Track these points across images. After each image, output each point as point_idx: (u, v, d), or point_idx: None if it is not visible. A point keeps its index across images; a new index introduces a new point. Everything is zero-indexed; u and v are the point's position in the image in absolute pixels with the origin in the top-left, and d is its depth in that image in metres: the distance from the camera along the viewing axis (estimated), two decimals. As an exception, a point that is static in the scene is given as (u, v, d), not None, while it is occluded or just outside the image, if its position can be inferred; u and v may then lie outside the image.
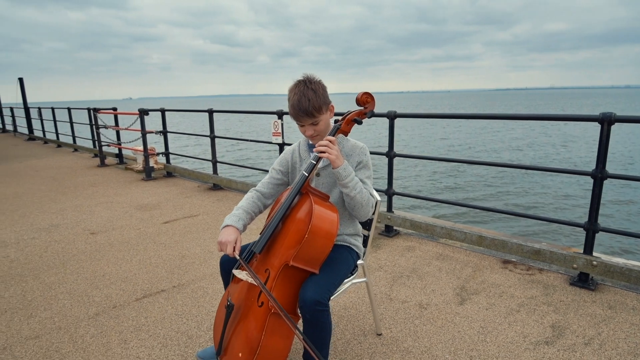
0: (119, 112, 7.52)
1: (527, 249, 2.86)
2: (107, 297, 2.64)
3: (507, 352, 2.00)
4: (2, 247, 3.59)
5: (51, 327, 2.30)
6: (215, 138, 5.61)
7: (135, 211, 4.64)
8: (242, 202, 1.79)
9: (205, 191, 5.55)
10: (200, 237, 3.72)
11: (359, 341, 2.12)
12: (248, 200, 1.79)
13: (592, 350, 2.01)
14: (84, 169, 7.67)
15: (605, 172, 2.52)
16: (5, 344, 2.16)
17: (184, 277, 2.90)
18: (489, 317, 2.32)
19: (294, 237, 1.55)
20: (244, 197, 1.82)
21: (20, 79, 13.27)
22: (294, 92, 1.65)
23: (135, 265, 3.13)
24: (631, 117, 2.45)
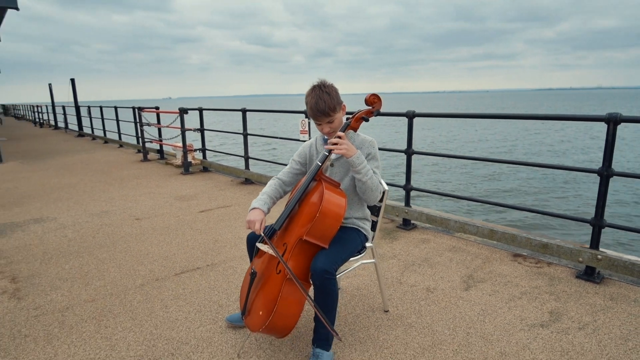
0: (161, 111, 8.09)
1: (535, 243, 3.00)
2: (151, 272, 3.03)
3: (502, 331, 2.19)
4: (61, 228, 4.10)
5: (104, 294, 2.70)
6: (247, 136, 5.99)
7: (175, 201, 5.08)
8: (266, 189, 2.09)
9: (237, 185, 5.94)
10: (232, 225, 4.08)
11: (367, 316, 2.37)
12: (271, 187, 2.09)
13: (585, 334, 2.16)
14: (128, 163, 8.31)
15: (611, 170, 2.63)
16: (67, 304, 2.57)
17: (217, 258, 3.26)
18: (490, 301, 2.50)
19: (307, 216, 1.83)
20: (267, 183, 2.12)
21: (72, 80, 14.33)
22: (311, 95, 1.93)
23: (175, 247, 3.52)
24: (636, 117, 2.55)
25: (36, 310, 2.51)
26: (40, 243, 3.68)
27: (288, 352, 2.05)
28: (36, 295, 2.69)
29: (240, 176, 6.35)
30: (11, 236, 3.88)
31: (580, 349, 2.03)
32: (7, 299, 2.67)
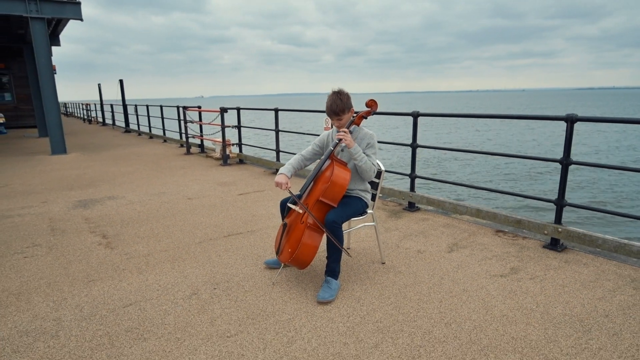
0: (203, 110, 9.11)
1: (511, 219, 3.67)
2: (205, 234, 3.92)
3: (469, 278, 2.92)
4: (130, 204, 5.09)
5: (174, 247, 3.61)
6: (279, 132, 6.86)
7: (217, 186, 6.01)
8: (291, 161, 2.92)
9: (269, 175, 6.82)
10: (266, 205, 4.94)
11: (368, 265, 3.15)
12: (295, 160, 2.92)
13: (533, 282, 2.85)
14: (174, 155, 9.39)
15: (570, 160, 3.28)
16: (148, 252, 3.49)
17: (254, 227, 4.11)
18: (466, 260, 3.22)
19: (323, 184, 2.63)
20: (293, 157, 2.95)
21: (120, 81, 15.76)
22: (329, 98, 2.73)
23: (221, 218, 4.41)
24: (591, 117, 3.19)
25: (126, 255, 3.44)
26: (117, 214, 4.66)
27: (308, 282, 2.87)
28: (124, 246, 3.63)
29: (272, 167, 7.23)
30: (94, 208, 4.91)
31: (525, 290, 2.73)
32: (104, 248, 3.62)
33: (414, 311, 2.48)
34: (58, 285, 2.89)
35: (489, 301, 2.59)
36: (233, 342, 2.19)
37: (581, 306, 2.51)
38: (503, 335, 2.22)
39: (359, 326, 2.33)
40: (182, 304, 2.59)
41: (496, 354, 2.07)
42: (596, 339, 2.18)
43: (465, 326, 2.32)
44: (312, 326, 2.33)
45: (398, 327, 2.31)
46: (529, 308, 2.50)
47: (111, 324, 2.39)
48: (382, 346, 2.14)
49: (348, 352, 2.09)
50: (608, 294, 2.66)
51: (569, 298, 2.61)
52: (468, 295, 2.67)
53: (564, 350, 2.10)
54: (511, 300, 2.59)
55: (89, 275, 3.06)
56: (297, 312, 2.48)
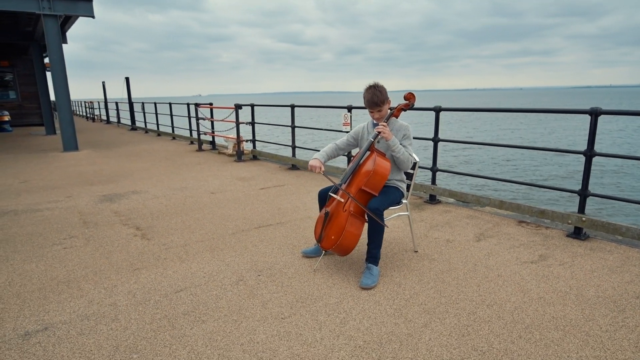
0: (215, 107, 9.20)
1: (535, 210, 3.80)
2: (236, 226, 4.03)
3: (501, 264, 3.04)
4: (155, 198, 5.19)
5: (209, 237, 3.72)
6: (295, 128, 6.96)
7: (237, 181, 6.12)
8: (325, 148, 3.04)
9: (285, 170, 6.93)
10: (289, 198, 5.05)
11: (402, 254, 3.27)
12: (330, 148, 3.05)
13: (563, 267, 2.97)
14: (186, 152, 9.48)
15: (594, 151, 3.40)
16: (185, 242, 3.60)
17: (283, 219, 4.22)
18: (495, 248, 3.34)
19: (365, 174, 2.75)
20: (327, 145, 3.06)
21: (126, 79, 15.82)
22: (368, 91, 2.83)
23: (248, 211, 4.52)
24: (615, 110, 3.31)
25: (164, 245, 3.54)
26: (144, 207, 4.76)
27: (347, 269, 2.98)
28: (160, 237, 3.74)
29: (287, 163, 7.34)
30: (120, 202, 5.00)
31: (556, 275, 2.85)
32: (140, 239, 3.72)
33: (454, 294, 2.60)
34: (105, 274, 2.99)
35: (524, 285, 2.71)
36: (288, 322, 2.31)
37: (612, 289, 2.64)
38: (543, 315, 2.34)
39: (405, 308, 2.44)
40: (232, 289, 2.70)
41: (540, 331, 2.19)
42: (631, 317, 2.30)
43: (506, 307, 2.44)
44: (360, 308, 2.45)
45: (443, 309, 2.43)
46: (563, 291, 2.62)
47: (167, 307, 2.50)
48: (431, 325, 2.26)
49: (400, 331, 2.21)
50: (636, 277, 2.78)
51: (599, 282, 2.74)
52: (503, 280, 2.79)
53: (602, 327, 2.22)
54: (545, 284, 2.71)
55: (132, 264, 3.16)
56: (343, 296, 2.59)
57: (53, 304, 2.56)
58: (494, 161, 14.48)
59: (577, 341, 2.10)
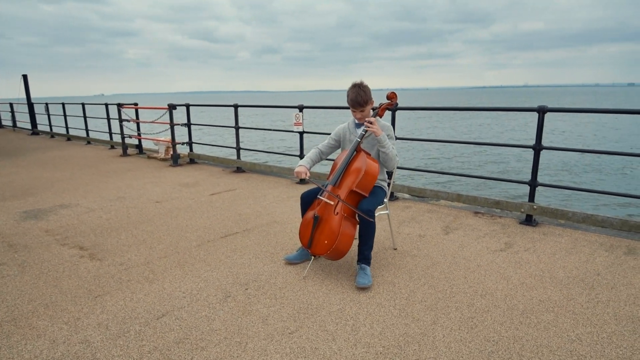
0: (142, 107, 8.43)
1: (491, 201, 4.09)
2: (199, 237, 3.71)
3: (476, 255, 3.21)
4: (91, 211, 4.57)
5: (172, 252, 3.36)
6: (239, 129, 6.66)
7: (181, 188, 5.66)
8: (309, 154, 2.93)
9: (230, 173, 6.60)
10: (246, 203, 4.80)
11: (383, 252, 3.28)
12: (313, 153, 2.95)
13: (529, 253, 3.23)
14: (109, 158, 8.55)
15: (541, 145, 3.76)
16: (146, 260, 3.21)
17: (248, 225, 3.99)
18: (464, 240, 3.52)
19: (355, 175, 2.69)
20: (310, 151, 2.96)
21: (24, 76, 13.80)
22: (352, 91, 2.78)
23: (208, 220, 4.20)
24: (560, 108, 3.68)
25: (122, 265, 3.12)
26: (81, 223, 4.17)
27: (337, 273, 2.91)
28: (113, 256, 3.28)
29: (231, 165, 7.00)
30: (49, 218, 4.31)
31: (526, 260, 3.09)
32: (89, 260, 3.23)
33: (447, 288, 2.67)
34: (59, 305, 2.54)
35: (503, 272, 2.89)
36: (298, 337, 2.16)
37: (576, 269, 2.93)
38: (531, 300, 2.51)
39: (408, 307, 2.45)
40: (222, 308, 2.46)
41: (535, 315, 2.34)
42: (601, 293, 2.58)
43: (497, 296, 2.57)
44: (365, 313, 2.39)
45: (443, 304, 2.48)
46: (537, 275, 2.84)
47: (153, 337, 2.19)
48: (440, 322, 2.29)
49: (413, 332, 2.20)
50: (589, 257, 3.13)
51: (563, 263, 3.02)
52: (484, 269, 2.94)
53: (583, 305, 2.45)
54: (521, 270, 2.92)
55: (90, 291, 2.73)
56: (343, 302, 2.51)
57: (3, 350, 2.09)
58: (445, 157, 15.05)
59: (568, 320, 2.29)
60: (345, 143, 3.01)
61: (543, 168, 12.57)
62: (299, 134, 5.77)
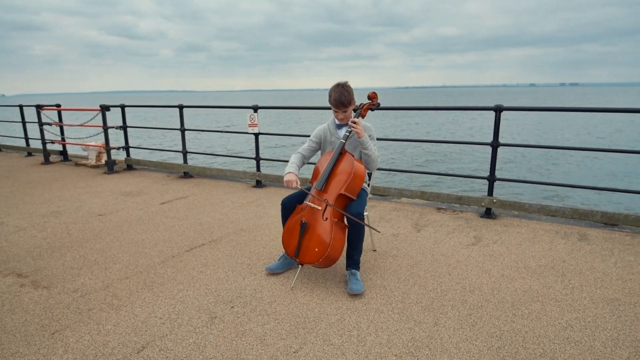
0: (66, 109, 7.53)
1: (453, 197, 4.24)
2: (161, 252, 3.36)
3: (452, 250, 3.28)
4: (21, 230, 3.94)
5: (134, 272, 2.99)
6: (185, 131, 6.22)
7: (124, 197, 5.13)
8: (293, 160, 2.79)
9: (177, 179, 6.14)
10: (204, 211, 4.47)
11: (364, 254, 3.23)
12: (296, 159, 2.81)
13: (498, 245, 3.39)
14: (28, 166, 7.52)
15: (498, 142, 3.97)
16: (105, 284, 2.82)
17: (214, 235, 3.71)
18: (436, 237, 3.60)
19: (343, 178, 2.59)
20: (292, 157, 2.82)
21: None
22: (335, 90, 2.67)
23: (166, 233, 3.82)
24: (515, 107, 3.92)
25: (76, 292, 2.70)
26: (12, 245, 3.56)
27: (324, 280, 2.79)
28: (62, 282, 2.84)
29: (177, 171, 6.51)
30: (-34, 243, 3.63)
31: (498, 252, 3.23)
32: (32, 288, 2.76)
33: (437, 286, 2.69)
34: (8, 348, 2.11)
35: (482, 266, 2.99)
36: (305, 355, 2.02)
37: (543, 258, 3.13)
38: (516, 291, 2.62)
39: (406, 310, 2.41)
40: (211, 331, 2.22)
41: (526, 306, 2.43)
42: (573, 279, 2.77)
43: (485, 290, 2.64)
44: (367, 320, 2.31)
45: (438, 303, 2.48)
46: (512, 266, 2.98)
47: (137, 375, 1.90)
48: (441, 322, 2.28)
49: (419, 335, 2.16)
50: (551, 245, 3.37)
51: (530, 253, 3.21)
52: (464, 264, 3.02)
53: (562, 292, 2.60)
54: (496, 262, 3.04)
55: (43, 326, 2.31)
56: (341, 311, 2.41)
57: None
58: (403, 155, 15.17)
59: (555, 309, 2.41)
60: (326, 145, 2.90)
61: (500, 163, 13.20)
62: (255, 136, 5.53)
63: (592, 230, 3.67)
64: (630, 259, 3.08)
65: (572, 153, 14.75)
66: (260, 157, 5.58)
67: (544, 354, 2.00)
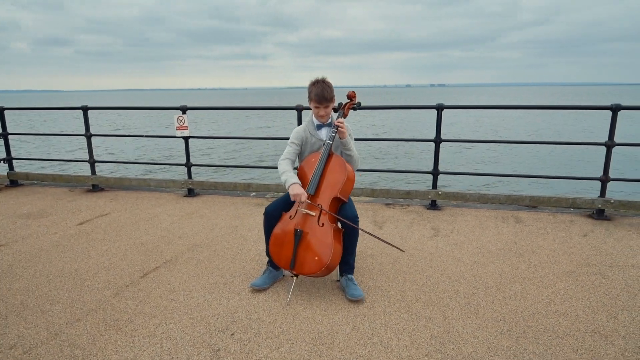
0: None
1: (402, 192, 4.43)
2: (108, 283, 2.81)
3: (420, 244, 3.42)
4: None
5: (84, 310, 2.44)
6: (91, 137, 5.34)
7: (24, 220, 4.19)
8: (287, 167, 2.59)
9: (85, 194, 5.24)
10: (138, 229, 3.89)
11: (342, 257, 3.16)
12: (288, 165, 2.62)
13: (457, 234, 3.63)
14: None
15: (440, 138, 4.26)
16: (55, 331, 2.24)
17: (165, 255, 3.25)
18: (400, 232, 3.71)
19: (336, 180, 2.49)
20: (283, 164, 2.61)
21: None
22: (316, 86, 2.55)
23: (99, 258, 3.21)
24: (455, 105, 4.24)
25: (14, 349, 2.09)
26: None
27: (317, 289, 2.65)
28: (-14, 339, 2.17)
29: (83, 183, 5.56)
30: None
31: (459, 241, 3.46)
32: (-61, 356, 2.06)
33: (426, 280, 2.77)
34: None
35: (454, 255, 3.18)
36: (339, 373, 1.87)
37: (498, 241, 3.45)
38: (492, 275, 2.84)
39: (412, 308, 2.42)
40: (221, 367, 1.92)
41: (508, 288, 2.65)
42: (531, 258, 3.11)
43: (467, 277, 2.80)
44: (381, 325, 2.25)
45: (436, 296, 2.55)
46: (477, 252, 3.23)
47: None
48: (449, 315, 2.34)
49: (436, 330, 2.19)
50: (497, 229, 3.74)
51: (486, 238, 3.52)
52: (437, 257, 3.16)
53: (528, 270, 2.90)
54: (463, 250, 3.26)
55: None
56: (350, 320, 2.31)
57: None
58: None
59: (532, 287, 2.67)
60: (306, 147, 2.75)
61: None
62: (184, 140, 5.01)
63: (520, 213, 4.18)
64: (562, 234, 3.59)
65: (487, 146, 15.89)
66: (191, 163, 5.08)
67: (546, 330, 2.20)
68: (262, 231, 3.72)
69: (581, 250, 3.24)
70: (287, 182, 2.48)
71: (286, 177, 2.52)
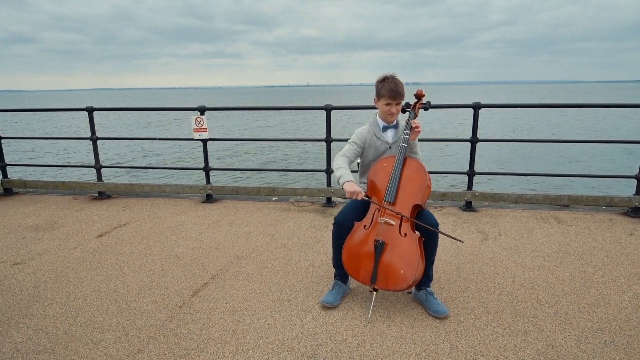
0: None
1: (437, 194, 4.30)
2: (156, 304, 2.54)
3: (473, 247, 3.29)
4: None
5: (142, 339, 2.18)
6: (97, 140, 4.97)
7: (35, 233, 3.82)
8: (343, 164, 2.41)
9: (92, 201, 4.87)
10: (167, 240, 3.61)
11: (401, 266, 2.99)
12: (345, 163, 2.44)
13: (504, 237, 3.52)
14: None
15: (477, 138, 4.15)
16: (126, 353, 1.98)
17: (210, 270, 2.99)
18: (447, 235, 3.58)
19: (416, 186, 2.33)
20: (340, 160, 2.43)
21: None
22: (387, 82, 2.38)
23: (137, 275, 2.93)
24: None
25: (74, 390, 1.82)
26: None
27: (394, 303, 2.47)
28: None
29: (89, 191, 5.17)
30: None
31: (510, 244, 3.35)
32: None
33: (503, 290, 2.64)
34: None
35: (515, 260, 3.06)
36: (461, 402, 1.70)
37: (549, 244, 3.36)
38: (564, 280, 2.73)
39: (502, 322, 2.28)
40: (328, 401, 1.72)
41: (588, 293, 2.55)
42: (592, 260, 3.03)
43: (540, 283, 2.68)
44: (479, 342, 2.10)
45: (521, 307, 2.42)
46: (536, 256, 3.13)
47: None
48: (545, 327, 2.22)
49: (539, 345, 2.06)
50: (546, 230, 3.65)
51: (537, 240, 3.42)
52: (499, 262, 3.04)
53: (597, 274, 2.81)
54: (520, 255, 3.15)
55: None
56: (445, 338, 2.14)
57: None
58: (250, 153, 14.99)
59: (610, 292, 2.58)
60: (370, 150, 2.57)
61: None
62: (202, 142, 4.72)
63: (557, 212, 4.13)
64: (609, 234, 3.54)
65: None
66: (210, 167, 4.80)
67: (649, 340, 2.10)
68: (302, 239, 3.53)
69: (636, 250, 3.20)
70: (342, 179, 2.30)
71: (341, 172, 2.35)
